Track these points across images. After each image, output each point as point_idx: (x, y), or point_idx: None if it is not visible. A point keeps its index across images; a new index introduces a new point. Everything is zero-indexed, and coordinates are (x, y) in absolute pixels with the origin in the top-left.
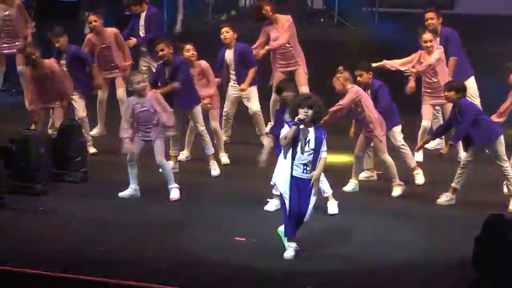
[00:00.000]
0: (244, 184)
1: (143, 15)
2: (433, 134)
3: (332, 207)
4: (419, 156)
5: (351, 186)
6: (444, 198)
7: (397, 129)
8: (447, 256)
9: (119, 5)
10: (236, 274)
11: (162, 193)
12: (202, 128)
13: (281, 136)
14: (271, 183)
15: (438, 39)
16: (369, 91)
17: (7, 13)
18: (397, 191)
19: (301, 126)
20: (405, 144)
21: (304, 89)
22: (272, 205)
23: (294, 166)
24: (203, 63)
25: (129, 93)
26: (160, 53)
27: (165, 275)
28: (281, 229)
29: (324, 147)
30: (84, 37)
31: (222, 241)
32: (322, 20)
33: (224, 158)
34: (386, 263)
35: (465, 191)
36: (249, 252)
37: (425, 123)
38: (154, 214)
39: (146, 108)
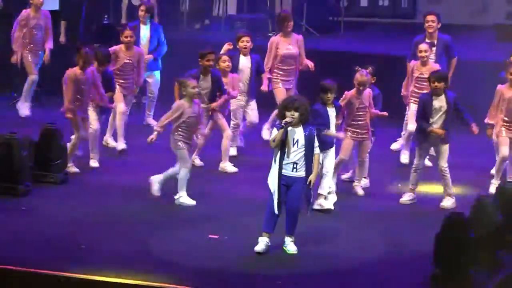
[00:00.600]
0: (218, 185)
1: (145, 27)
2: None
3: (330, 202)
4: (405, 159)
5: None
6: (407, 198)
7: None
8: (409, 252)
9: (97, 16)
10: (208, 270)
11: (140, 192)
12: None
13: (270, 138)
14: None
15: (434, 48)
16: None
17: (34, 22)
18: (360, 191)
19: (289, 128)
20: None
21: None
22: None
23: (284, 166)
24: (236, 75)
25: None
26: (210, 63)
27: (141, 271)
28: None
29: (316, 143)
30: (60, 46)
31: (197, 239)
32: None
33: (197, 161)
34: (350, 260)
35: (427, 190)
36: (222, 248)
37: (411, 127)
38: (133, 213)
39: (195, 114)
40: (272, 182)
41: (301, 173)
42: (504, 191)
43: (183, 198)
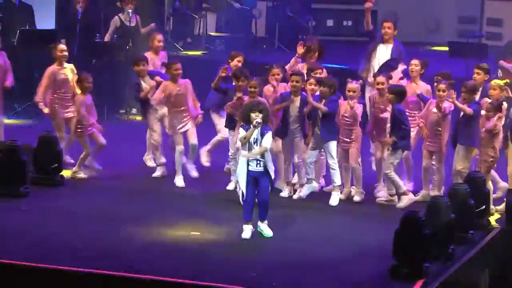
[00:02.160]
0: (202, 187)
1: None
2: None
3: (334, 199)
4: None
5: (345, 195)
6: (382, 198)
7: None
8: (372, 247)
9: (89, 34)
10: (189, 264)
11: (130, 194)
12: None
13: (239, 136)
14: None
15: (391, 47)
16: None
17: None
18: (357, 197)
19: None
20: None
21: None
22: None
23: (249, 162)
24: None
25: None
26: (294, 83)
27: (130, 266)
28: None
29: (265, 138)
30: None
31: (179, 235)
32: (264, 46)
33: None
34: (322, 255)
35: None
36: (203, 244)
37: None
38: (124, 213)
39: None
40: (241, 178)
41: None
42: (456, 192)
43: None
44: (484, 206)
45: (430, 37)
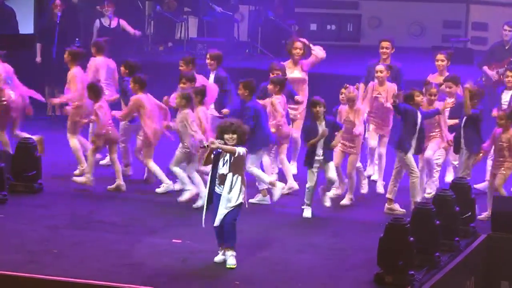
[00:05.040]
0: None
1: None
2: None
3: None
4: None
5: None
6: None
7: None
8: (357, 254)
9: (69, 39)
10: (171, 271)
11: (109, 200)
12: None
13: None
14: None
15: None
16: None
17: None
18: (346, 201)
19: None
20: None
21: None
22: (308, 212)
23: (217, 185)
24: None
25: None
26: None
27: (109, 273)
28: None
29: (239, 148)
30: (36, 66)
31: (161, 243)
32: (247, 50)
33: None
34: (305, 262)
35: (373, 200)
36: (184, 252)
37: (373, 143)
38: (103, 220)
39: None
40: (204, 198)
41: (234, 190)
42: (441, 199)
43: None
44: (469, 213)
45: (414, 41)
